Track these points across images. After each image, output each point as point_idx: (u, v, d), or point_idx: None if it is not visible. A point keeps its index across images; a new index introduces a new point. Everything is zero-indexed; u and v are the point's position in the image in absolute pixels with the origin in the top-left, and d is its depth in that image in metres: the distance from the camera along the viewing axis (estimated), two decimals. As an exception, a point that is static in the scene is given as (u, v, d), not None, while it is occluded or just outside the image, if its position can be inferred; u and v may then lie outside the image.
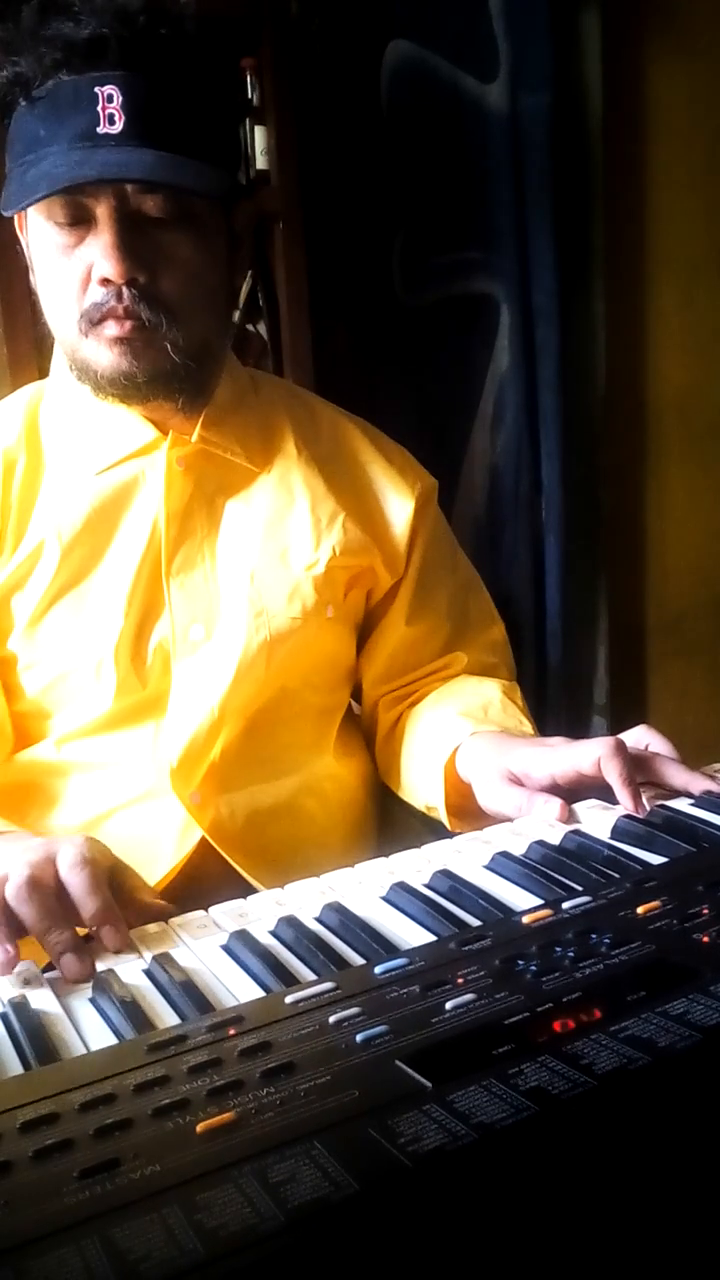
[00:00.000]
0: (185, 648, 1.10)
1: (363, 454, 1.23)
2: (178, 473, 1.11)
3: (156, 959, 0.75)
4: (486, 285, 1.87)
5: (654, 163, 2.01)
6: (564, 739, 1.04)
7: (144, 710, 1.10)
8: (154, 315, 1.01)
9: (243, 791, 1.12)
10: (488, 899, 0.80)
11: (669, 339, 2.07)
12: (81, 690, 1.09)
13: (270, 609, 1.12)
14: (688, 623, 2.18)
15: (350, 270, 1.93)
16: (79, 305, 1.02)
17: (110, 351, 1.02)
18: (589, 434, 1.95)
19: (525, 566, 1.91)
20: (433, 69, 1.82)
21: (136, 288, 1.00)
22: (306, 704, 1.18)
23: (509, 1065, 0.56)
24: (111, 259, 0.98)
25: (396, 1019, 0.62)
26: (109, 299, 1.00)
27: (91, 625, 1.08)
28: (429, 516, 1.24)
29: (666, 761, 0.99)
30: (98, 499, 1.10)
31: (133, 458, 1.11)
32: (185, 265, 1.02)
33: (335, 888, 0.86)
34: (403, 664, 1.24)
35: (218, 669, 1.10)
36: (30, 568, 1.08)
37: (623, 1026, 0.58)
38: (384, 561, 1.19)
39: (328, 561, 1.14)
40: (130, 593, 1.09)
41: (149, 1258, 0.45)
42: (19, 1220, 0.48)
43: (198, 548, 1.12)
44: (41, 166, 0.97)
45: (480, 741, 1.10)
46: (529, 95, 1.77)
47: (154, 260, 1.00)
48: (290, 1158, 0.50)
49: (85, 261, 1.00)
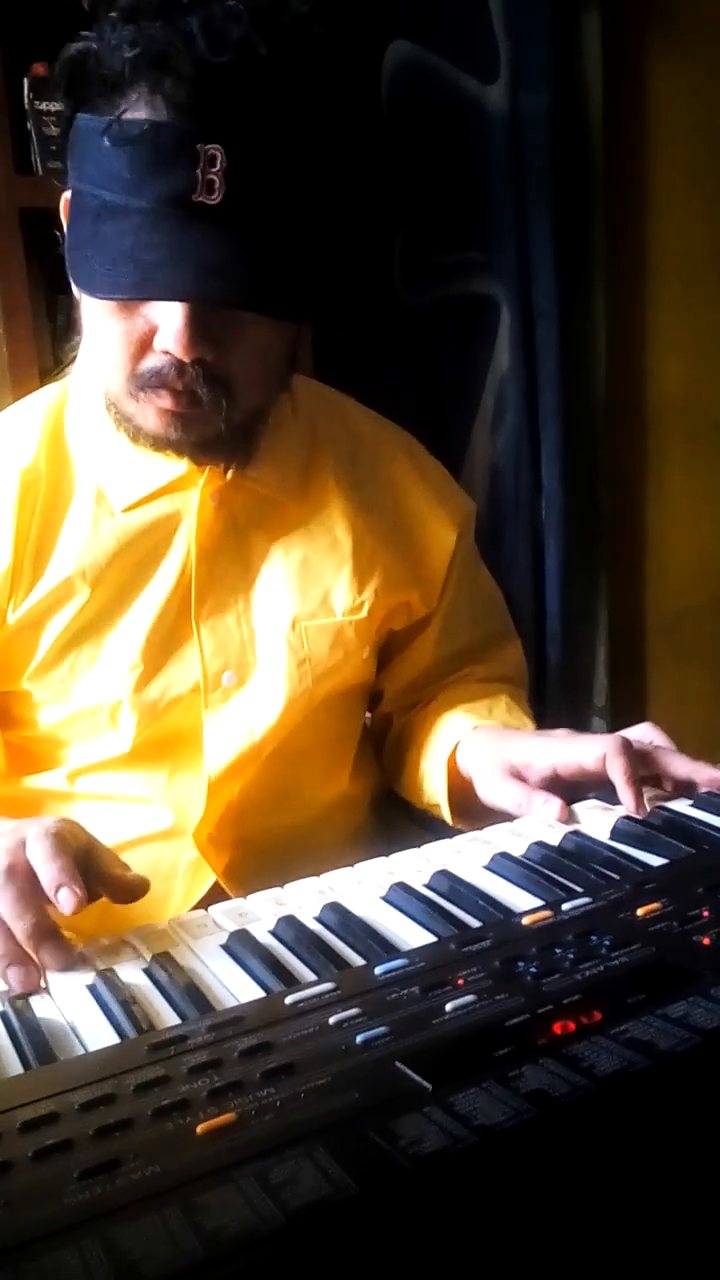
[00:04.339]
0: (217, 695, 1.05)
1: (402, 478, 1.16)
2: (210, 510, 1.04)
3: (156, 959, 0.75)
4: (487, 285, 1.87)
5: (654, 163, 2.01)
6: (567, 730, 1.04)
7: (162, 752, 1.06)
8: (212, 394, 0.92)
9: (258, 829, 1.09)
10: (488, 900, 0.80)
11: (669, 339, 2.08)
12: (97, 730, 1.05)
13: (314, 657, 1.07)
14: (687, 623, 2.19)
15: (350, 269, 1.93)
16: (132, 365, 0.93)
17: (159, 419, 0.95)
18: (589, 434, 1.95)
19: (525, 566, 1.91)
20: (433, 69, 1.82)
21: (201, 365, 0.91)
22: (327, 731, 1.14)
23: (509, 1067, 0.56)
24: (181, 340, 0.88)
25: (396, 1020, 0.62)
26: (168, 370, 0.91)
27: (110, 668, 1.03)
28: (465, 546, 1.20)
29: (670, 753, 0.99)
30: (126, 536, 1.03)
31: (165, 493, 1.04)
32: (256, 344, 0.94)
33: (335, 887, 0.86)
34: (424, 683, 1.22)
35: (253, 714, 1.05)
36: (52, 606, 1.02)
37: (623, 1029, 0.58)
38: (421, 596, 1.16)
39: (370, 605, 1.09)
40: (150, 637, 1.03)
41: (149, 1259, 0.45)
42: (19, 1221, 0.48)
43: (230, 590, 1.06)
44: (123, 229, 0.87)
45: (482, 735, 1.09)
46: (529, 96, 1.77)
47: (223, 338, 0.91)
48: (290, 1159, 0.50)
49: (149, 323, 0.90)
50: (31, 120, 1.58)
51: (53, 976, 0.75)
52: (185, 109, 0.84)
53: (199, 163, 0.84)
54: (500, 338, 1.88)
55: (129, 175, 0.86)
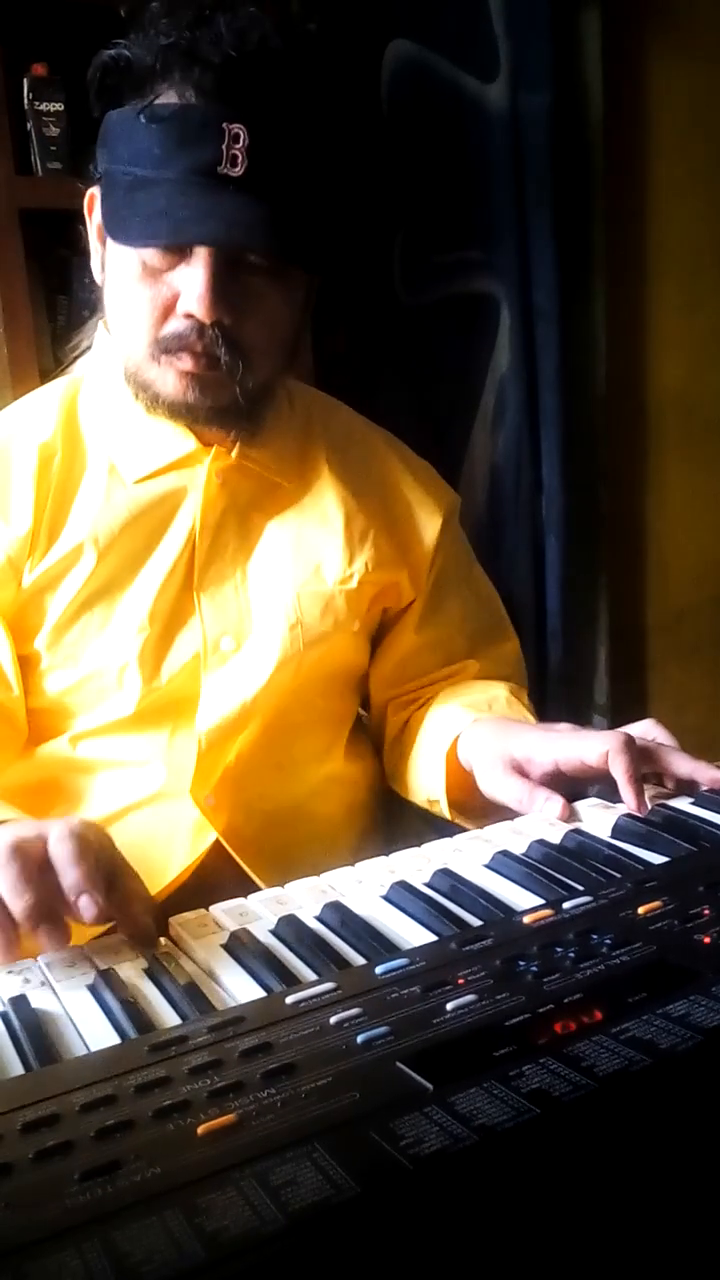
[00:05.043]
0: (216, 658, 1.10)
1: (392, 471, 1.23)
2: (214, 486, 1.11)
3: (157, 958, 0.75)
4: (487, 285, 1.87)
5: (654, 162, 2.01)
6: (570, 725, 1.04)
7: (163, 714, 1.10)
8: (231, 358, 1.01)
9: (256, 795, 1.12)
10: (488, 898, 0.80)
11: (669, 339, 2.07)
12: (103, 694, 1.09)
13: (305, 621, 1.12)
14: (688, 622, 2.19)
15: (350, 269, 1.93)
16: (155, 330, 1.01)
17: (179, 382, 1.02)
18: (589, 433, 1.95)
19: (526, 566, 1.91)
20: (433, 68, 1.82)
21: (220, 329, 0.99)
22: (321, 710, 1.19)
23: (510, 1067, 0.56)
24: (204, 301, 0.97)
25: (397, 1020, 0.62)
26: (190, 333, 1.00)
27: (119, 631, 1.08)
28: (451, 532, 1.25)
29: (672, 751, 0.99)
30: (137, 507, 1.10)
31: (174, 469, 1.11)
32: (269, 313, 1.03)
33: (335, 886, 0.86)
34: (412, 670, 1.24)
35: (245, 678, 1.10)
36: (64, 570, 1.08)
37: (624, 1028, 0.58)
38: (409, 577, 1.20)
39: (360, 577, 1.15)
40: (157, 601, 1.09)
41: (150, 1260, 0.45)
42: (19, 1222, 0.48)
43: (229, 562, 1.12)
44: (154, 195, 0.96)
45: (482, 728, 1.10)
46: (529, 95, 1.77)
47: (242, 305, 1.00)
48: (291, 1160, 0.50)
49: (172, 289, 1.00)
50: (31, 121, 1.58)
51: (54, 977, 0.75)
52: (212, 94, 0.95)
53: (224, 139, 0.94)
54: (500, 337, 1.88)
55: (159, 151, 0.96)
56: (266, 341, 1.03)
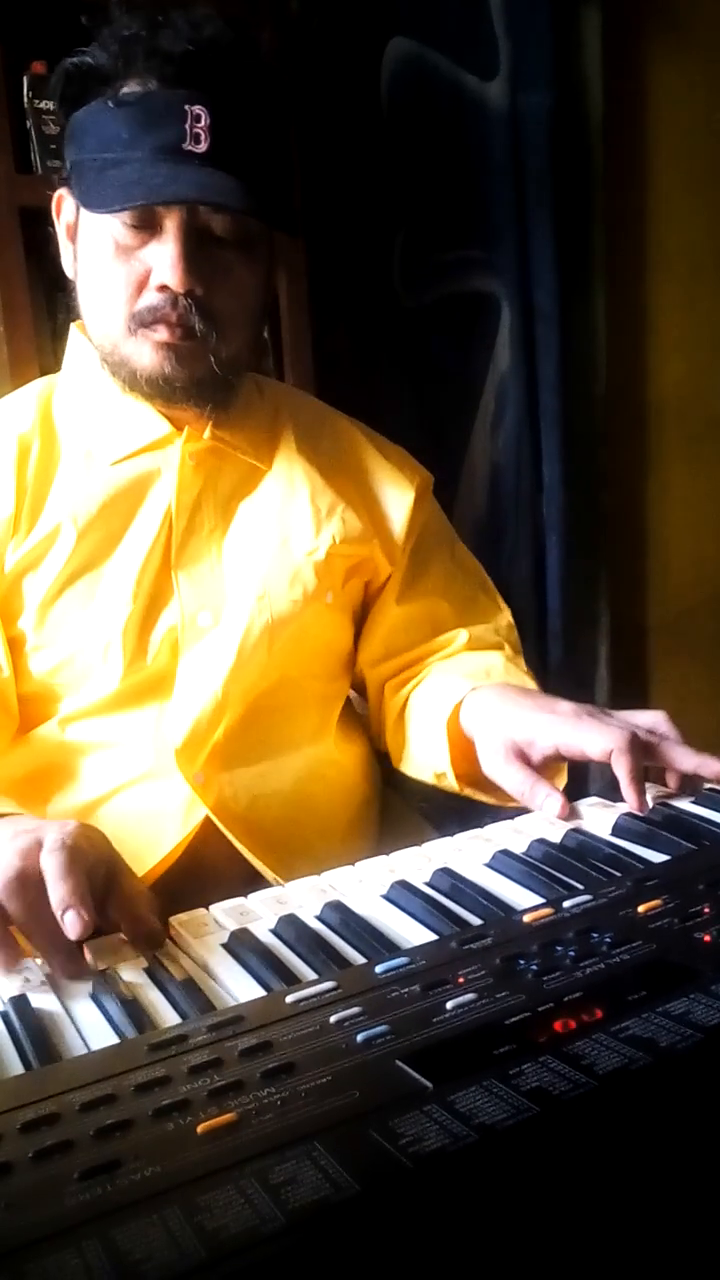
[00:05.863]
0: (193, 633, 1.12)
1: (362, 452, 1.26)
2: (189, 467, 1.14)
3: (157, 958, 0.75)
4: (487, 284, 1.87)
5: (654, 162, 2.00)
6: (573, 705, 1.04)
7: (148, 692, 1.12)
8: (204, 327, 1.04)
9: (246, 773, 1.13)
10: (489, 897, 0.80)
11: (669, 339, 2.07)
12: (88, 672, 1.11)
13: (272, 593, 1.14)
14: (688, 621, 2.18)
15: (350, 269, 1.93)
16: (130, 306, 1.05)
17: (155, 354, 1.06)
18: (589, 433, 1.95)
19: (526, 566, 1.91)
20: (433, 67, 1.82)
21: (193, 299, 1.03)
22: (307, 691, 1.20)
23: (510, 1065, 0.56)
24: (176, 270, 1.02)
25: (397, 1019, 0.62)
26: (164, 305, 1.04)
27: (101, 609, 1.10)
28: (425, 507, 1.27)
29: (677, 746, 0.99)
30: (113, 488, 1.12)
31: (148, 450, 1.13)
32: (239, 282, 1.07)
33: (336, 886, 0.86)
34: (399, 643, 1.25)
35: (223, 652, 1.12)
36: (45, 550, 1.10)
37: (624, 1026, 0.58)
38: (383, 551, 1.22)
39: (328, 549, 1.17)
40: (139, 579, 1.11)
41: (150, 1259, 0.45)
42: (19, 1222, 0.48)
43: (205, 540, 1.15)
44: (125, 171, 1.01)
45: (483, 695, 1.10)
46: (529, 94, 1.77)
47: (212, 275, 1.04)
48: (291, 1159, 0.50)
49: (145, 265, 1.04)
50: (31, 119, 1.58)
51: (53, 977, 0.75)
52: (173, 80, 1.00)
53: (186, 119, 0.99)
54: (500, 336, 1.88)
55: (126, 134, 1.01)
56: (237, 311, 1.07)
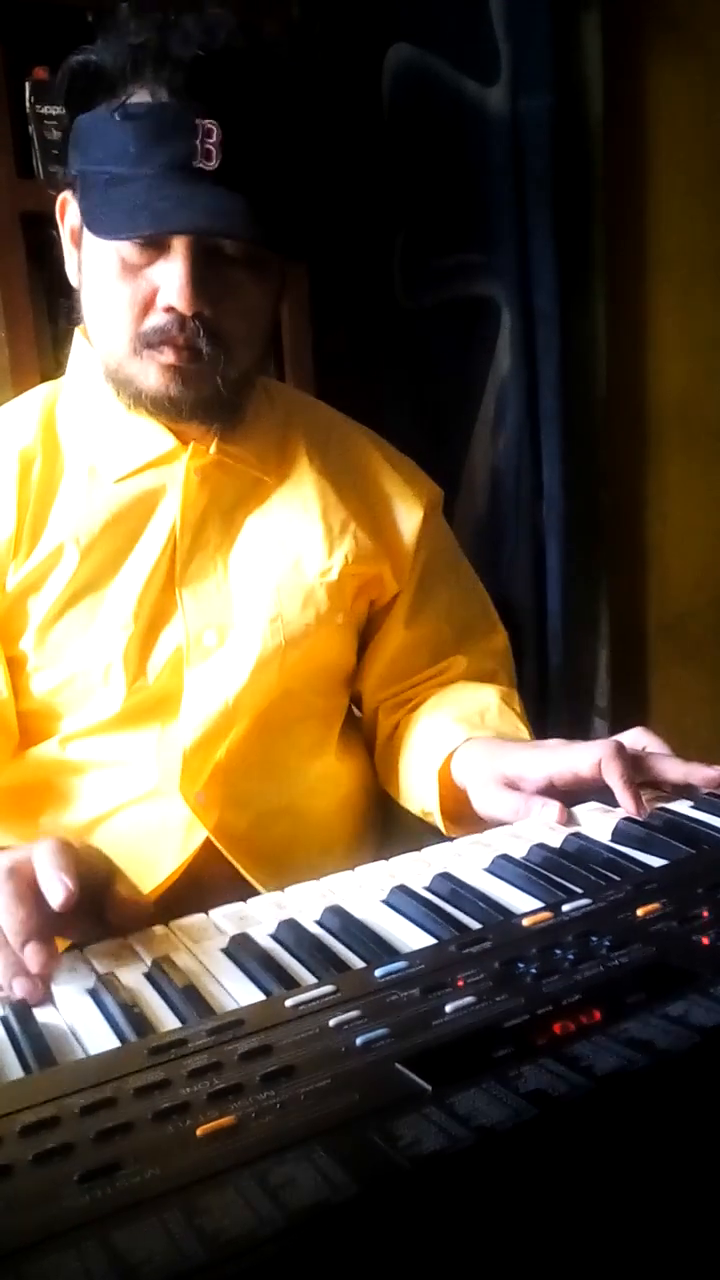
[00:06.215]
0: (198, 653, 1.10)
1: (372, 465, 1.23)
2: (194, 483, 1.11)
3: (157, 962, 0.75)
4: (487, 287, 1.87)
5: (654, 164, 2.01)
6: (560, 741, 1.04)
7: (150, 712, 1.10)
8: (212, 349, 1.01)
9: (247, 792, 1.12)
10: (488, 902, 0.80)
11: (669, 340, 2.08)
12: (89, 693, 1.09)
13: (286, 615, 1.12)
14: (688, 625, 2.19)
15: (351, 272, 1.93)
16: (136, 325, 1.02)
17: (161, 376, 1.03)
18: (590, 436, 1.95)
19: (526, 569, 1.91)
20: (434, 72, 1.82)
21: (200, 320, 1.00)
22: (309, 706, 1.19)
23: (509, 1068, 0.56)
24: (184, 293, 0.98)
25: (396, 1022, 0.62)
26: (171, 326, 1.00)
27: (103, 629, 1.08)
28: (434, 525, 1.25)
29: (663, 758, 0.99)
30: (117, 505, 1.10)
31: (152, 466, 1.11)
32: (248, 302, 1.04)
33: (336, 890, 0.86)
34: (402, 668, 1.24)
35: (230, 673, 1.10)
36: (47, 571, 1.08)
37: (622, 1029, 0.58)
38: (392, 570, 1.20)
39: (340, 569, 1.15)
40: (141, 598, 1.09)
41: (150, 1262, 0.45)
42: (19, 1224, 0.48)
43: (210, 558, 1.12)
44: (132, 190, 0.97)
45: (475, 747, 1.09)
46: (530, 98, 1.77)
47: (221, 296, 1.01)
48: (290, 1161, 0.50)
49: (151, 284, 1.00)
50: (33, 124, 1.58)
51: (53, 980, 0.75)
52: (183, 91, 0.96)
53: (197, 134, 0.95)
54: (501, 340, 1.88)
55: (134, 148, 0.96)
56: (246, 331, 1.04)
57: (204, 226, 0.97)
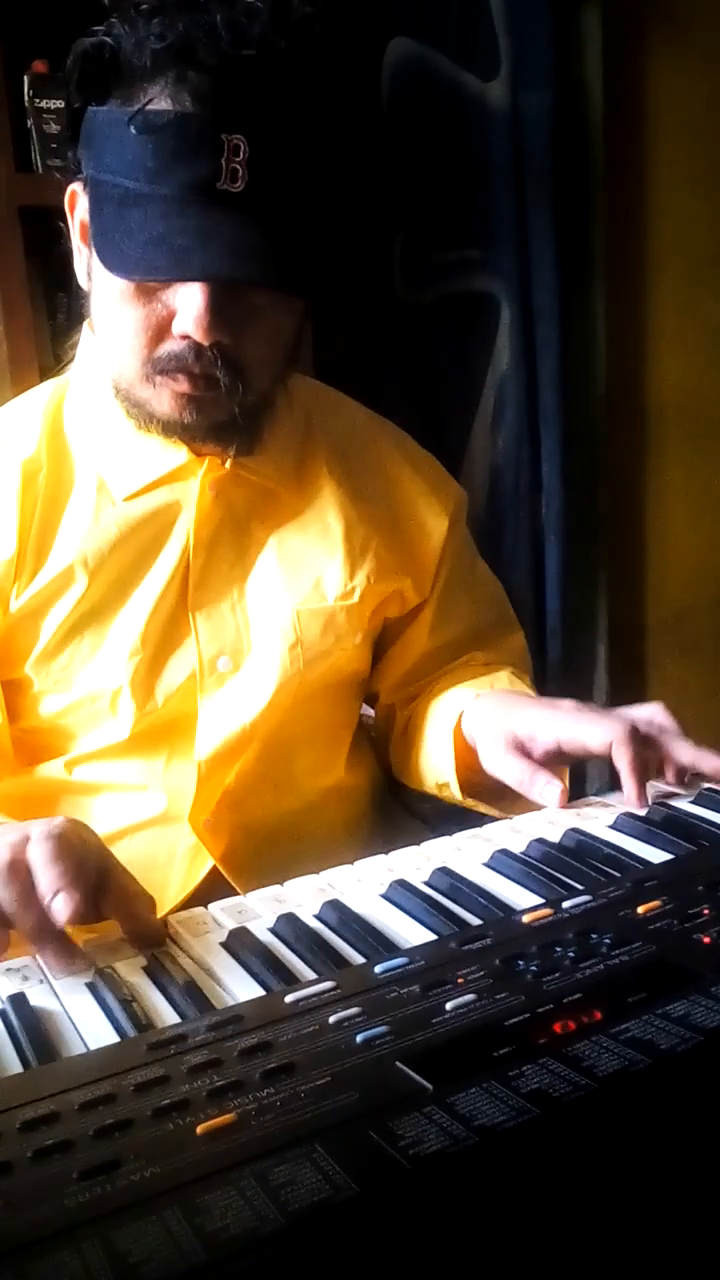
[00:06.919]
0: (213, 680, 1.06)
1: (394, 468, 1.18)
2: (209, 497, 1.06)
3: (156, 957, 0.75)
4: (487, 284, 1.87)
5: (654, 161, 2.00)
6: (574, 703, 1.03)
7: (160, 738, 1.07)
8: (229, 378, 0.95)
9: (254, 815, 1.09)
10: (488, 897, 0.80)
11: (669, 338, 2.07)
12: (98, 717, 1.05)
13: (306, 641, 1.08)
14: (687, 621, 2.18)
15: (351, 268, 1.92)
16: (149, 350, 0.95)
17: (174, 403, 0.97)
18: (589, 433, 1.95)
19: (525, 565, 1.91)
20: (434, 67, 1.82)
21: (218, 349, 0.93)
22: (323, 721, 1.15)
23: (510, 1067, 0.56)
24: (202, 323, 0.90)
25: (397, 1019, 0.62)
26: (186, 355, 0.94)
27: (111, 655, 1.04)
28: (458, 534, 1.21)
29: (675, 738, 0.98)
30: (128, 525, 1.04)
31: (164, 483, 1.05)
32: (270, 327, 0.97)
33: (334, 885, 0.86)
34: (422, 671, 1.22)
35: (246, 700, 1.06)
36: (55, 594, 1.03)
37: (624, 1028, 0.58)
38: (413, 584, 1.16)
39: (361, 590, 1.11)
40: (150, 622, 1.04)
41: (149, 1260, 0.45)
42: (18, 1221, 0.48)
43: (225, 579, 1.08)
44: (151, 214, 0.89)
45: (486, 703, 1.08)
46: (530, 93, 1.77)
47: (242, 323, 0.94)
48: (290, 1160, 0.50)
49: (168, 308, 0.93)
50: (32, 118, 1.58)
51: (53, 975, 0.74)
52: (209, 100, 0.87)
53: (223, 152, 0.87)
54: (500, 336, 1.88)
55: (153, 164, 0.88)
56: (267, 355, 0.98)
57: (225, 273, 0.90)
